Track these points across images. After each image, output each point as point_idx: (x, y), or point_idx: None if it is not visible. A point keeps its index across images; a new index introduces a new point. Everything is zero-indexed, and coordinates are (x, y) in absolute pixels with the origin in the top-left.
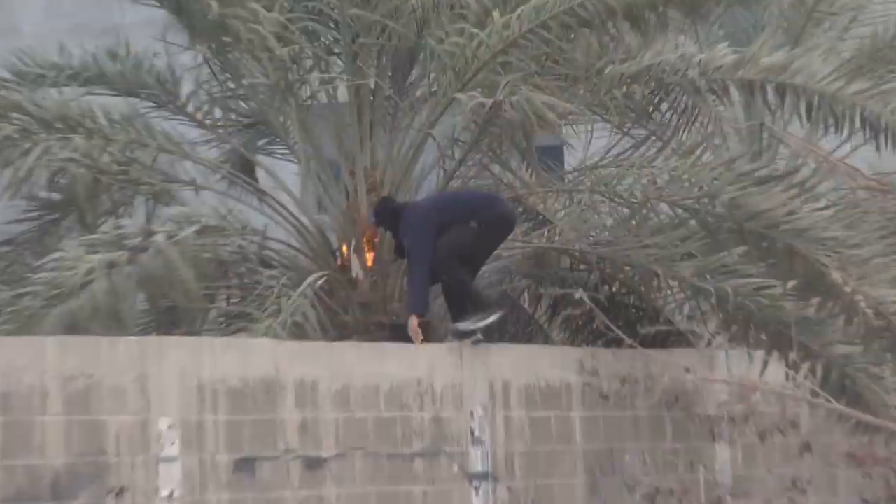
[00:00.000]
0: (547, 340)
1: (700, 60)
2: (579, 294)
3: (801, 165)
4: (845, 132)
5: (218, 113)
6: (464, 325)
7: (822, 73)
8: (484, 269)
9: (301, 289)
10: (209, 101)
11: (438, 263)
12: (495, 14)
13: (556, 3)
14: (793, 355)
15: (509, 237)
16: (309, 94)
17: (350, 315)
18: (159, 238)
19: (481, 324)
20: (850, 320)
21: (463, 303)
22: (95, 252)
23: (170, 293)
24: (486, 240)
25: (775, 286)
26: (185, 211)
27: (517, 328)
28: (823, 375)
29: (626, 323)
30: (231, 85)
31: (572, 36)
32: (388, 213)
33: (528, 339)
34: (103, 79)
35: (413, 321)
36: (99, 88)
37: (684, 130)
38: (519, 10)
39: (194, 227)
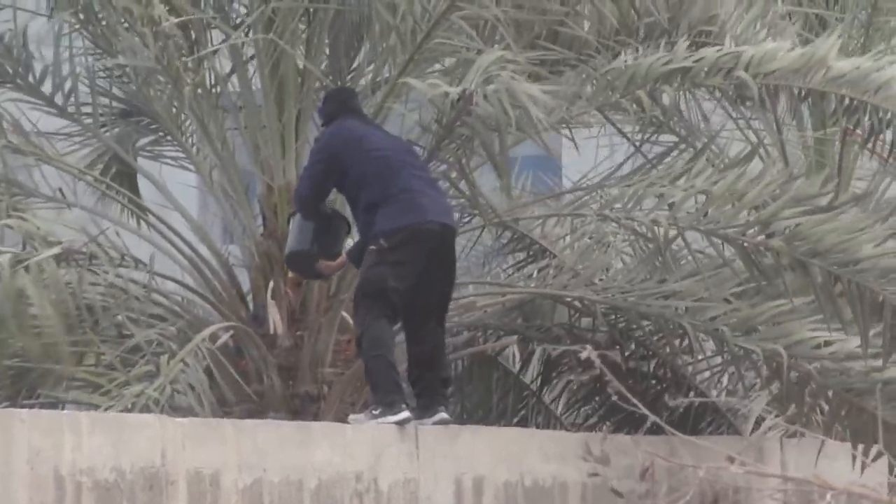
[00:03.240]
0: (550, 416)
1: (751, 58)
2: (587, 353)
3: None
4: None
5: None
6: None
7: None
8: (453, 320)
9: (190, 346)
10: (73, 80)
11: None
12: None
13: None
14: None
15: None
16: (212, 80)
17: (265, 383)
18: (2, 261)
19: (373, 421)
20: None
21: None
22: None
23: (18, 341)
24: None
25: (841, 342)
26: (40, 228)
27: (496, 403)
28: None
29: (644, 397)
30: (102, 63)
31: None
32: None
33: (512, 418)
34: None
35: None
36: None
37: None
38: None
39: (54, 251)
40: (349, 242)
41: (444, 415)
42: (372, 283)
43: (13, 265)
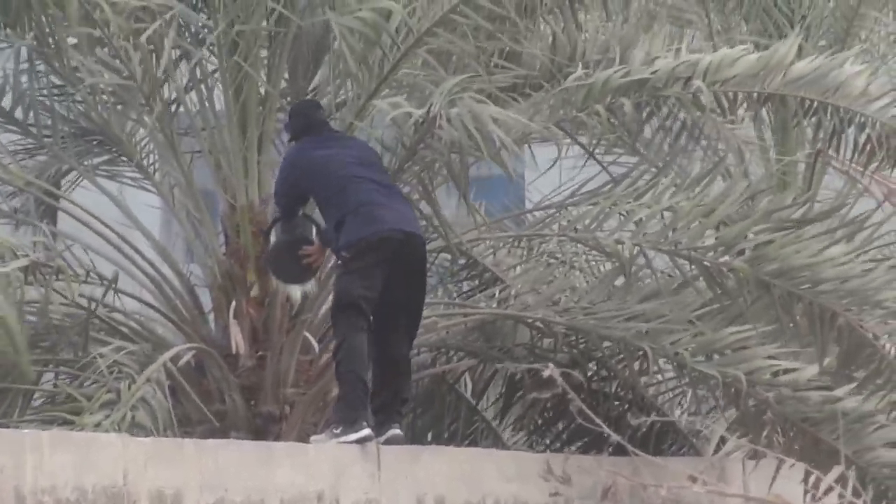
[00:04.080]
0: (497, 441)
1: (708, 65)
2: (549, 371)
3: (854, 201)
4: None
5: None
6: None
7: (870, 92)
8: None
9: (151, 369)
10: (24, 97)
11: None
12: None
13: None
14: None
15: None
16: (172, 97)
17: (228, 403)
18: None
19: (335, 440)
20: None
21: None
22: None
23: None
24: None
25: (801, 370)
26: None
27: (457, 424)
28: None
29: (606, 418)
30: (56, 79)
31: (526, 23)
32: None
33: (472, 439)
34: None
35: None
36: None
37: (687, 155)
38: None
39: (20, 263)
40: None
41: (396, 431)
42: (343, 294)
43: None
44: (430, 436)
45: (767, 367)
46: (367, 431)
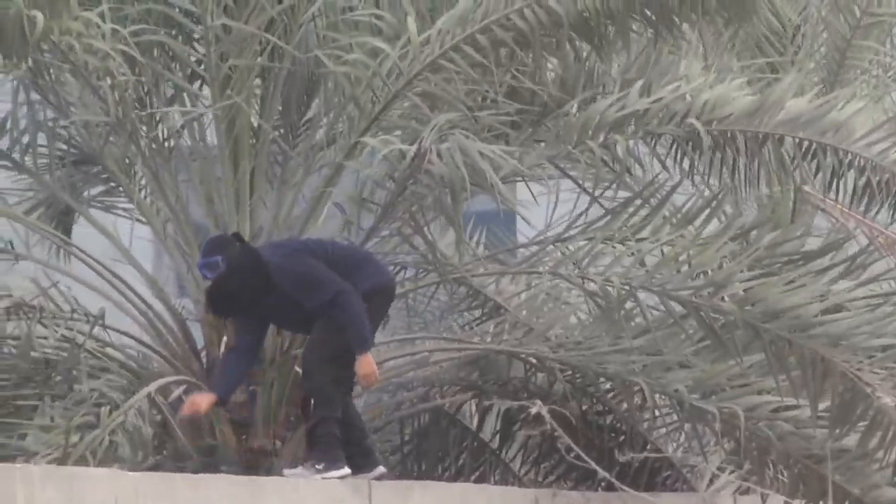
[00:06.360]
0: (508, 473)
1: (705, 103)
2: (536, 408)
3: (843, 242)
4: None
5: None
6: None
7: (861, 130)
8: (408, 375)
9: (136, 398)
10: (27, 132)
11: (311, 386)
12: (409, 21)
13: (490, 8)
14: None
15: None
16: (165, 133)
17: (218, 437)
18: None
19: (318, 475)
20: None
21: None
22: None
23: None
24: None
25: (801, 407)
26: None
27: (450, 460)
28: None
29: (600, 453)
30: (49, 113)
31: (519, 59)
32: (240, 260)
33: (482, 475)
34: None
35: (367, 359)
36: None
37: (685, 192)
38: (441, 21)
39: (3, 304)
40: None
41: (381, 468)
42: (342, 350)
43: None
44: (437, 469)
45: (766, 404)
46: (347, 470)
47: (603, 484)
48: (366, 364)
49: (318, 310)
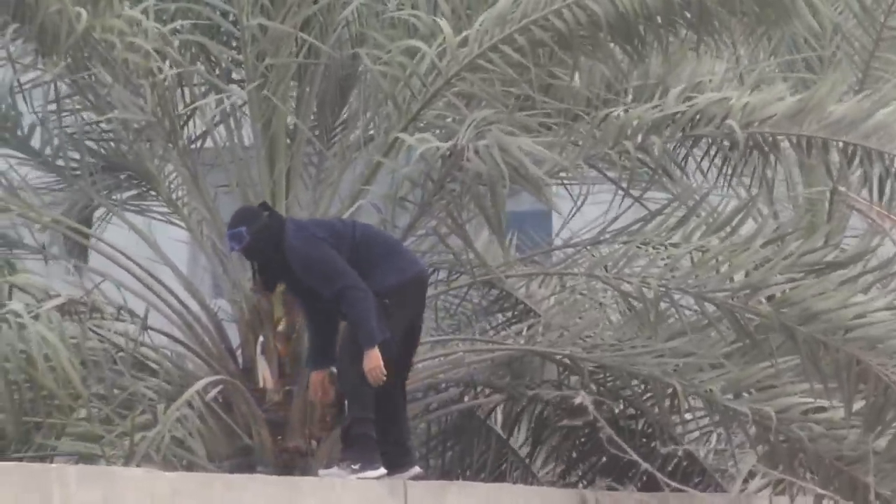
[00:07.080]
0: (527, 473)
1: (745, 106)
2: (580, 398)
3: (878, 246)
4: None
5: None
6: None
7: None
8: (440, 377)
9: (185, 397)
10: (61, 135)
11: (345, 385)
12: (443, 23)
13: (529, 8)
14: None
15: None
16: (200, 133)
17: (255, 438)
18: (16, 308)
19: (354, 476)
20: None
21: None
22: None
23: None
24: (402, 320)
25: (834, 408)
26: (36, 280)
27: (486, 459)
28: None
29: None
30: (87, 115)
31: (558, 58)
32: (265, 232)
33: (501, 474)
34: None
35: (374, 353)
36: None
37: (720, 194)
38: (479, 21)
39: (56, 302)
40: None
41: (417, 469)
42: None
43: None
44: (459, 470)
45: (798, 405)
46: (383, 470)
47: (639, 485)
48: (373, 358)
49: (331, 299)
